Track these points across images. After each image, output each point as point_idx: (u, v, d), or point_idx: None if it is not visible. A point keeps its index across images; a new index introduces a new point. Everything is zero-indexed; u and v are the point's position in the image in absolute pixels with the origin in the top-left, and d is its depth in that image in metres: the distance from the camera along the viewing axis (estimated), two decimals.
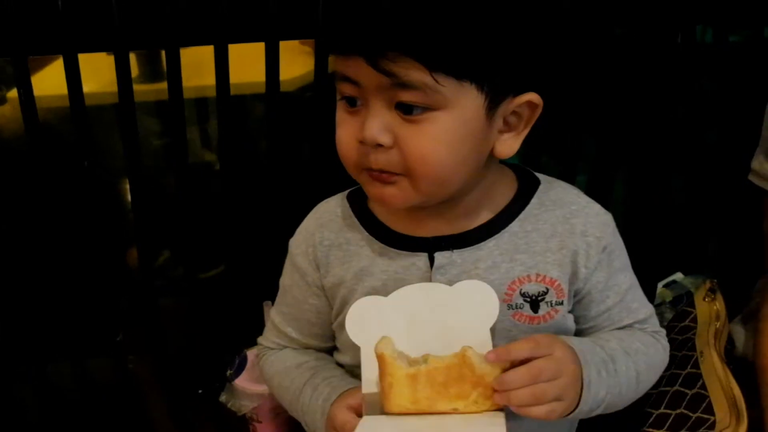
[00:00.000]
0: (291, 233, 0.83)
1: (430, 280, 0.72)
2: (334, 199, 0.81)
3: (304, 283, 0.79)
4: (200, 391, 1.10)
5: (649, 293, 1.06)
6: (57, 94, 0.99)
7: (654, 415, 0.88)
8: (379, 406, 0.65)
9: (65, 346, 1.09)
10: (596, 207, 0.76)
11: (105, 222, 1.04)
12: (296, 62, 1.17)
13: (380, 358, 0.64)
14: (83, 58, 0.94)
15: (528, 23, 0.66)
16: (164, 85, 0.97)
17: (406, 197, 0.67)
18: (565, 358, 0.66)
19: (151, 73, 1.29)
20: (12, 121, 1.24)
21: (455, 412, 0.63)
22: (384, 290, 0.72)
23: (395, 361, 0.63)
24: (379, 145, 0.64)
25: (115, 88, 0.95)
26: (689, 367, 0.90)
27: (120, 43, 0.93)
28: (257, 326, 0.90)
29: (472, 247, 0.72)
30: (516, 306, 0.72)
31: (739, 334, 0.92)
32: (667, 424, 0.86)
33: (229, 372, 0.96)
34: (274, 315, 0.84)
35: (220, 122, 1.01)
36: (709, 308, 0.94)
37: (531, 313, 0.72)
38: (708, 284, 0.96)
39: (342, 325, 0.75)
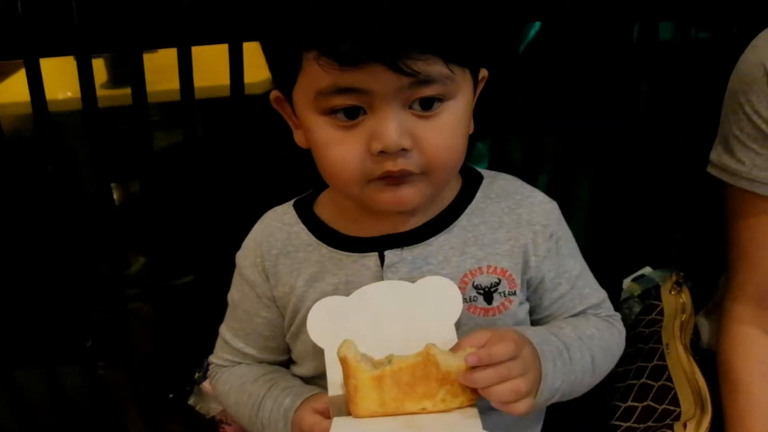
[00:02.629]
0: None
1: (381, 279, 0.71)
2: (281, 207, 0.80)
3: (254, 296, 0.77)
4: (171, 396, 1.09)
5: (616, 289, 1.07)
6: (25, 100, 0.99)
7: (621, 408, 0.88)
8: (345, 409, 0.65)
9: (34, 352, 1.08)
10: (540, 195, 0.77)
11: (74, 228, 1.04)
12: (263, 64, 1.16)
13: (343, 362, 0.63)
14: (54, 66, 0.93)
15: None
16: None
17: (422, 195, 0.67)
18: (531, 355, 0.66)
19: (118, 78, 1.29)
20: None
21: (423, 411, 0.63)
22: (335, 294, 0.71)
23: (359, 364, 0.62)
24: (403, 150, 0.63)
25: None
26: (655, 359, 0.90)
27: (81, 47, 0.92)
28: None
29: (421, 244, 0.72)
30: (470, 299, 0.72)
31: (704, 326, 0.93)
32: (634, 416, 0.87)
33: (197, 375, 0.95)
34: (224, 332, 0.82)
35: (184, 126, 1.01)
36: (675, 301, 0.94)
37: (485, 305, 0.72)
38: (674, 277, 0.97)
39: (296, 336, 0.75)
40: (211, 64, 1.01)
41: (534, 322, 0.78)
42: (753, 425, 0.78)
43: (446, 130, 0.65)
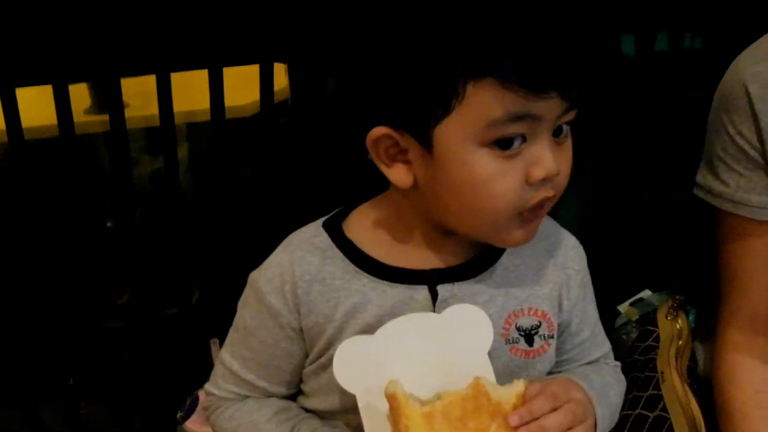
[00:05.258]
0: (239, 267, 0.76)
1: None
2: (309, 228, 0.74)
3: (276, 325, 0.71)
4: None
5: (610, 316, 1.04)
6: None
7: None
8: None
9: (15, 391, 1.05)
10: (572, 239, 0.77)
11: (57, 261, 1.01)
12: (250, 86, 1.15)
13: (392, 399, 0.60)
14: (37, 91, 0.92)
15: None
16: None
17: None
18: (585, 399, 0.66)
19: (102, 103, 1.27)
20: None
21: None
22: (379, 326, 0.67)
23: (408, 401, 0.59)
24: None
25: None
26: (651, 389, 0.88)
27: (59, 76, 0.91)
28: (205, 365, 0.86)
29: (470, 280, 0.70)
30: (512, 340, 0.70)
31: (701, 352, 0.90)
32: None
33: (179, 414, 0.93)
34: (229, 361, 0.74)
35: (164, 152, 0.99)
36: (671, 326, 0.92)
37: (526, 347, 0.71)
38: (670, 302, 0.94)
39: (322, 367, 0.71)
40: (200, 88, 0.99)
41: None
42: None
43: (570, 153, 0.66)
